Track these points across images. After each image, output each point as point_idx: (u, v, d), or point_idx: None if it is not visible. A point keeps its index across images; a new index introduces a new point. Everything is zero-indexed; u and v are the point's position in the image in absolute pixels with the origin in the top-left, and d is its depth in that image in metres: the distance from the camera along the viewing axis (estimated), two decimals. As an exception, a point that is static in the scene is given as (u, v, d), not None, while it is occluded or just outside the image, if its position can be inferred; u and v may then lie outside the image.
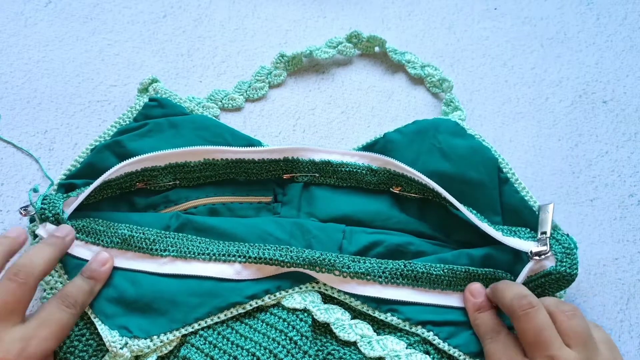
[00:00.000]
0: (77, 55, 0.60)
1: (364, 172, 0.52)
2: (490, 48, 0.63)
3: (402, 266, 0.47)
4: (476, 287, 0.46)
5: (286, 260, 0.46)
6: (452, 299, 0.47)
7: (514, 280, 0.47)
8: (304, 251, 0.47)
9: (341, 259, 0.47)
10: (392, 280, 0.47)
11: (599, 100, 0.61)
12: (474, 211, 0.49)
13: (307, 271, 0.47)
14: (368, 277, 0.47)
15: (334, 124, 0.59)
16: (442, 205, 0.51)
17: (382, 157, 0.52)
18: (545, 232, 0.47)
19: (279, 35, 0.63)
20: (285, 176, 0.52)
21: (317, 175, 0.52)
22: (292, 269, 0.47)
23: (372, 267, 0.47)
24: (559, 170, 0.58)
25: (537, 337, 0.40)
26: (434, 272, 0.47)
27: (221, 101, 0.58)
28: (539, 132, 0.59)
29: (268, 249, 0.47)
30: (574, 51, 0.64)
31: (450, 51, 0.63)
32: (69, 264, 0.47)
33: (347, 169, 0.52)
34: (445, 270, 0.47)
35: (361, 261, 0.47)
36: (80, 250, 0.47)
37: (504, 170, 0.52)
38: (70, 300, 0.43)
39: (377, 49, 0.62)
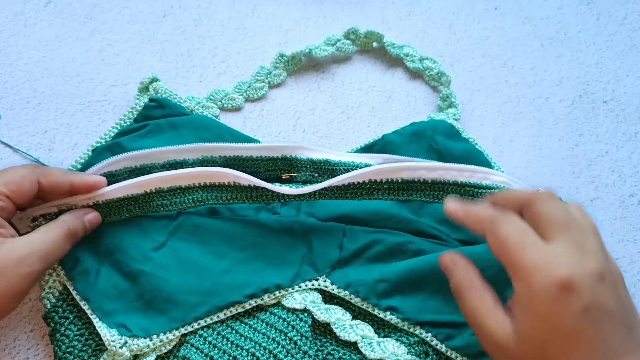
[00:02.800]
0: (77, 55, 0.60)
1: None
2: (490, 48, 0.63)
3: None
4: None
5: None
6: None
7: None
8: None
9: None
10: None
11: (599, 100, 0.61)
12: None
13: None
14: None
15: (334, 124, 0.59)
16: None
17: (380, 155, 0.52)
18: None
19: (279, 35, 0.63)
20: (284, 176, 0.52)
21: (316, 174, 0.52)
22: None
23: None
24: (559, 170, 0.58)
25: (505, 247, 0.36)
26: None
27: (221, 101, 0.58)
28: (539, 132, 0.59)
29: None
30: (574, 51, 0.64)
31: (451, 51, 0.63)
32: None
33: (346, 168, 0.52)
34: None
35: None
36: None
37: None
38: (38, 167, 0.45)
39: (375, 44, 0.62)
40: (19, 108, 0.57)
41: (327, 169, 0.52)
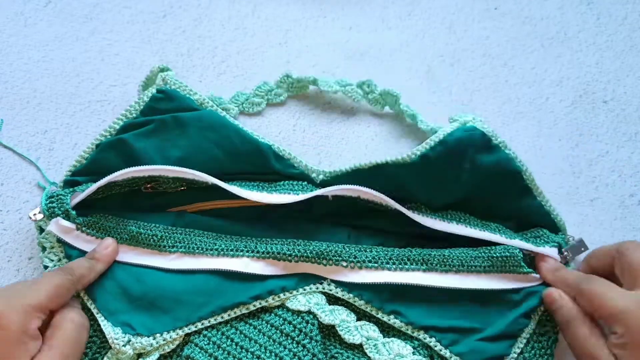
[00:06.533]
0: (77, 55, 0.59)
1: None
2: (490, 48, 0.63)
3: (409, 252, 0.47)
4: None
5: (293, 253, 0.47)
6: (467, 281, 0.46)
7: (522, 256, 0.47)
8: (311, 244, 0.47)
9: (347, 249, 0.47)
10: (401, 266, 0.47)
11: (600, 100, 0.61)
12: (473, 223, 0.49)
13: (314, 266, 0.47)
14: (376, 265, 0.47)
15: (334, 124, 0.59)
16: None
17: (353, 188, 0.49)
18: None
19: (279, 35, 0.63)
20: None
21: None
22: (300, 264, 0.47)
23: (378, 255, 0.47)
24: (560, 170, 0.58)
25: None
26: (445, 253, 0.47)
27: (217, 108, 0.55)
28: (539, 132, 0.59)
29: (275, 244, 0.48)
30: (574, 51, 0.64)
31: (451, 51, 0.63)
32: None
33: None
34: (456, 252, 0.47)
35: (367, 250, 0.47)
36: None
37: (525, 177, 0.49)
38: (67, 269, 0.44)
39: (387, 108, 0.58)
40: (19, 108, 0.57)
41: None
